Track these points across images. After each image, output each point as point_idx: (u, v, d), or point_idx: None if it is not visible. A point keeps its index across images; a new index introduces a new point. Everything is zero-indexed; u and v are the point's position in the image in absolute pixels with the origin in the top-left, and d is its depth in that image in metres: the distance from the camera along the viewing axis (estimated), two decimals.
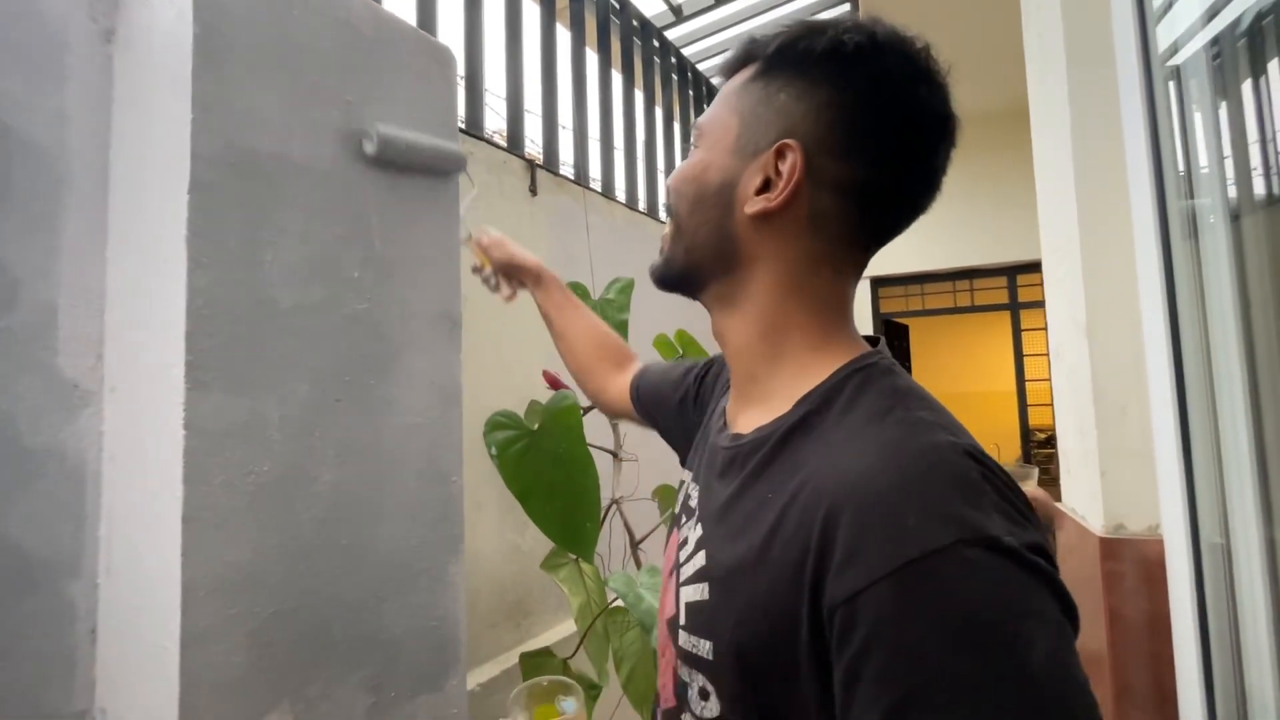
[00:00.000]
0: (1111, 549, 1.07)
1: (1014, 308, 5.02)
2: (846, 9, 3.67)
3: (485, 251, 1.01)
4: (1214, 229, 0.92)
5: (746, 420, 0.53)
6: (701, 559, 0.50)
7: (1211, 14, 0.91)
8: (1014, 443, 5.18)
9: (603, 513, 1.28)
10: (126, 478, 0.80)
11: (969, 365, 7.33)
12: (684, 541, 0.55)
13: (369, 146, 0.89)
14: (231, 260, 0.76)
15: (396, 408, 0.92)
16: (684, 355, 1.52)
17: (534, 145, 2.01)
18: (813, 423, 0.46)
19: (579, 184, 2.12)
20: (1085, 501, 1.21)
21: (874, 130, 0.47)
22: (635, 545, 1.52)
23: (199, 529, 0.71)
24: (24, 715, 0.75)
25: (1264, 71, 0.87)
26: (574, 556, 1.34)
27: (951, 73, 0.49)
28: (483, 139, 1.72)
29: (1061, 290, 1.29)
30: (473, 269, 1.04)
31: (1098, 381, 1.14)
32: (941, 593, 0.34)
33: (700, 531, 0.53)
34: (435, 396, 0.98)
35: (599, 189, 2.27)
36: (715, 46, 3.57)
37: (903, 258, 4.83)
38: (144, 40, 0.81)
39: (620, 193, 2.49)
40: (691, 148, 0.56)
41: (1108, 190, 1.13)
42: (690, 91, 3.18)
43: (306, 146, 0.84)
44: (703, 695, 0.48)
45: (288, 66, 0.82)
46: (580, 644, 1.30)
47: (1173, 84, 0.98)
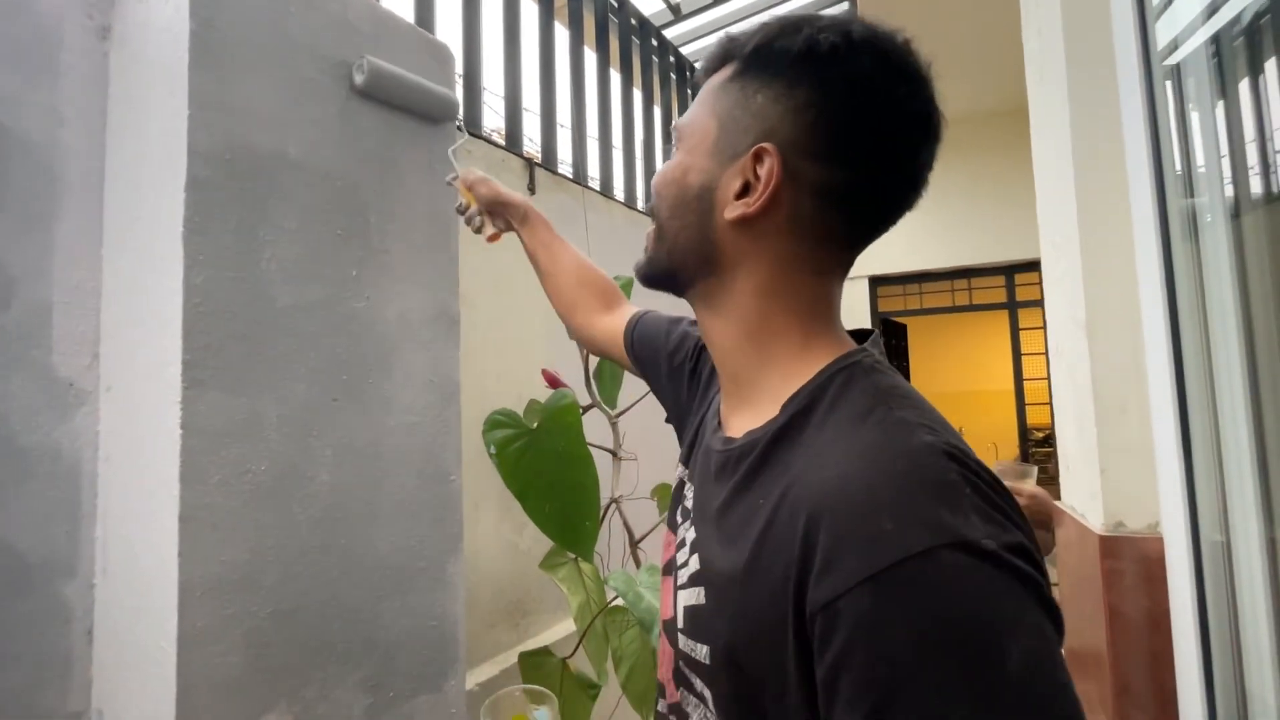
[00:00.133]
0: (1111, 547, 1.07)
1: (1012, 307, 5.03)
2: (845, 7, 3.67)
3: (471, 189, 0.97)
4: (1214, 227, 0.92)
5: (738, 423, 0.53)
6: (696, 563, 0.51)
7: (1211, 11, 0.91)
8: (1012, 442, 5.18)
9: (602, 512, 1.28)
10: (123, 477, 0.79)
11: (967, 364, 7.34)
12: (681, 543, 0.55)
13: (358, 77, 0.89)
14: (228, 258, 0.75)
15: (394, 407, 0.92)
16: None
17: (532, 144, 2.01)
18: (798, 426, 0.46)
19: (577, 183, 2.12)
20: (1085, 499, 1.21)
21: (853, 132, 0.46)
22: (634, 544, 1.52)
23: (196, 529, 0.70)
24: (20, 716, 0.74)
25: (1261, 70, 0.87)
26: (573, 556, 1.33)
27: (935, 67, 0.47)
28: (481, 137, 1.72)
29: (1061, 289, 1.29)
30: (457, 208, 1.01)
31: (1097, 379, 1.14)
32: (918, 597, 0.34)
33: (695, 534, 0.53)
34: (433, 395, 0.98)
35: (597, 188, 2.26)
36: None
37: (901, 257, 4.84)
38: (140, 37, 0.81)
39: (619, 191, 2.49)
40: (672, 149, 0.55)
41: (1107, 188, 1.13)
42: (689, 90, 3.18)
43: (304, 144, 0.83)
44: (700, 697, 0.48)
45: (285, 63, 0.82)
46: (579, 643, 1.30)
47: (1169, 83, 0.98)
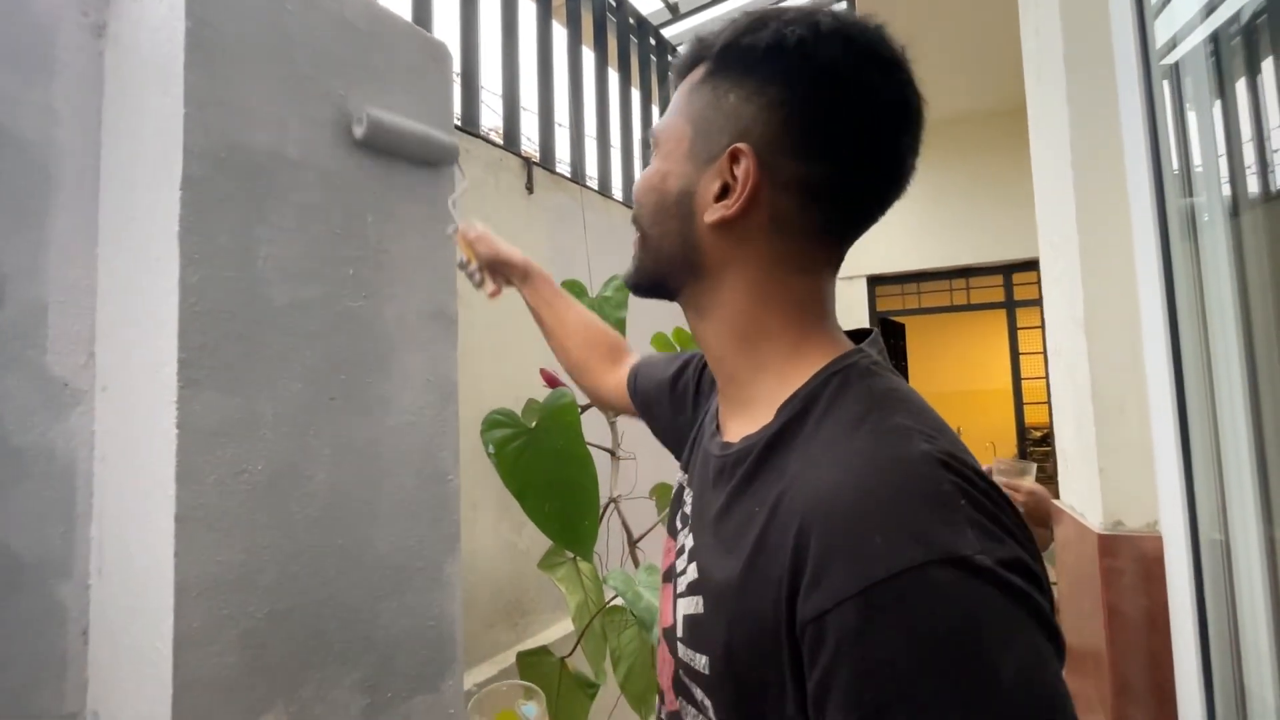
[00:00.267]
0: (1110, 546, 1.07)
1: (1010, 306, 5.03)
2: (843, 7, 3.67)
3: (471, 246, 0.98)
4: (1212, 226, 0.92)
5: (735, 427, 0.52)
6: (694, 572, 0.50)
7: (1209, 10, 0.91)
8: (1010, 441, 5.19)
9: (601, 511, 1.28)
10: (118, 477, 0.79)
11: (965, 364, 7.35)
12: (680, 550, 0.54)
13: (358, 130, 0.88)
14: (224, 257, 0.75)
15: (392, 406, 0.91)
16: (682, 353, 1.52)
17: (530, 143, 2.00)
18: (793, 431, 0.45)
19: (576, 182, 2.11)
20: (1083, 498, 1.21)
21: (827, 125, 0.45)
22: (633, 544, 1.52)
23: (192, 529, 0.70)
24: (15, 717, 0.74)
25: (1259, 69, 0.87)
26: (572, 555, 1.33)
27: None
28: (479, 136, 1.72)
29: (1060, 288, 1.29)
30: (458, 264, 1.02)
31: (1096, 378, 1.14)
32: (909, 614, 0.34)
33: (694, 542, 0.52)
34: (431, 394, 0.97)
35: (596, 187, 2.26)
36: None
37: (899, 256, 4.84)
38: (135, 35, 0.80)
39: (617, 191, 2.49)
40: (650, 155, 0.55)
41: (1106, 188, 1.13)
42: None
43: (301, 142, 0.83)
44: (701, 707, 0.47)
45: (281, 61, 0.81)
46: (578, 643, 1.30)
47: (1167, 82, 0.98)
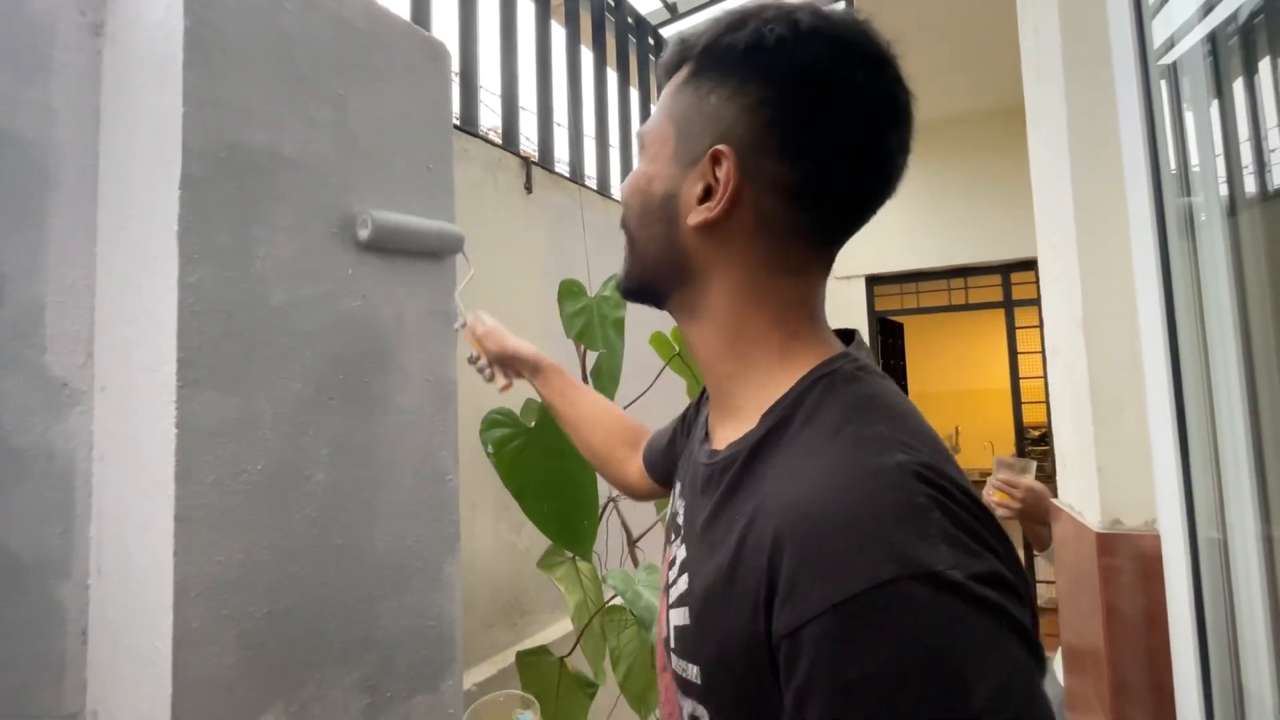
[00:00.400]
0: (1108, 544, 1.07)
1: (1008, 305, 5.04)
2: (841, 6, 3.67)
3: (480, 342, 0.97)
4: (1210, 225, 0.92)
5: (724, 434, 0.52)
6: (685, 583, 0.49)
7: (1207, 9, 0.91)
8: (1008, 440, 5.19)
9: (600, 511, 1.28)
10: (117, 477, 0.79)
11: (963, 363, 7.35)
12: (673, 561, 0.54)
13: (362, 233, 0.87)
14: (223, 256, 0.75)
15: (391, 406, 0.91)
16: (681, 353, 1.52)
17: (529, 143, 2.00)
18: (776, 439, 0.45)
19: (574, 182, 2.11)
20: (1082, 497, 1.21)
21: (810, 125, 0.44)
22: (632, 543, 1.52)
23: (191, 529, 0.70)
24: (15, 718, 0.74)
25: (1257, 69, 0.87)
26: (571, 555, 1.33)
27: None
28: (478, 136, 1.72)
29: (1058, 288, 1.29)
30: (468, 359, 1.01)
31: (1094, 377, 1.14)
32: (880, 631, 0.33)
33: (684, 553, 0.51)
34: (430, 394, 0.97)
35: (594, 186, 2.26)
36: None
37: (898, 256, 4.84)
38: (133, 34, 0.80)
39: (616, 190, 2.49)
40: (636, 156, 0.54)
41: (1104, 187, 1.13)
42: None
43: (299, 141, 0.83)
44: (695, 717, 0.47)
45: (280, 60, 0.81)
46: (577, 643, 1.30)
47: (1165, 82, 0.98)
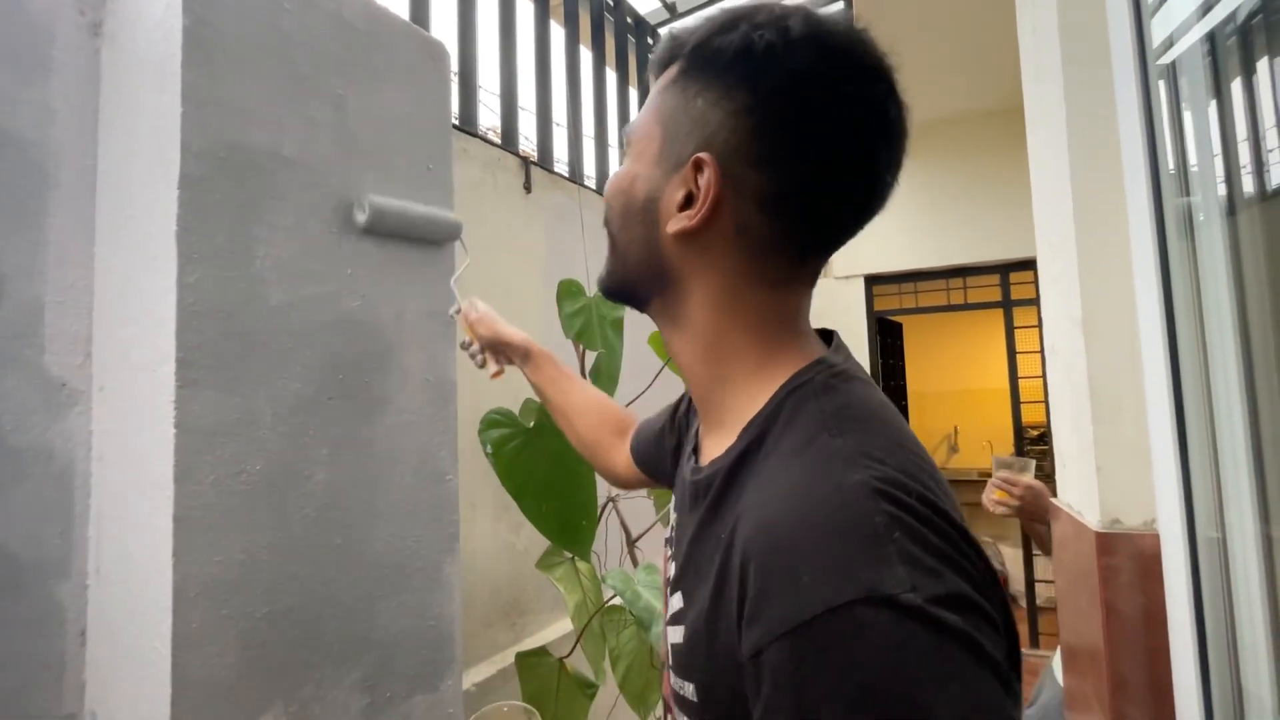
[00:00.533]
0: (1107, 544, 1.08)
1: (1006, 305, 5.04)
2: (840, 7, 3.67)
3: (472, 327, 0.98)
4: (1209, 225, 0.92)
5: (709, 448, 0.51)
6: (678, 601, 0.49)
7: (1205, 9, 0.91)
8: (1007, 439, 5.19)
9: (599, 510, 1.28)
10: (116, 477, 0.79)
11: (962, 363, 7.36)
12: (669, 579, 0.54)
13: (360, 216, 0.87)
14: (222, 256, 0.75)
15: (390, 405, 0.91)
16: None
17: (528, 142, 2.00)
18: (753, 455, 0.44)
19: (574, 181, 2.11)
20: (1081, 497, 1.21)
21: (796, 137, 0.43)
22: (632, 543, 1.52)
23: (190, 529, 0.70)
24: (14, 718, 0.74)
25: (1255, 69, 0.87)
26: (570, 555, 1.33)
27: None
28: (477, 136, 1.71)
29: (1057, 288, 1.29)
30: (460, 344, 1.01)
31: (1093, 377, 1.14)
32: (835, 656, 0.33)
33: (676, 570, 0.51)
34: (429, 394, 0.97)
35: (593, 186, 2.26)
36: None
37: (897, 256, 4.84)
38: (132, 33, 0.80)
39: None
40: (623, 155, 0.53)
41: (1103, 187, 1.13)
42: None
43: (299, 141, 0.83)
44: None
45: (279, 60, 0.81)
46: (577, 643, 1.30)
47: (1163, 82, 0.98)
